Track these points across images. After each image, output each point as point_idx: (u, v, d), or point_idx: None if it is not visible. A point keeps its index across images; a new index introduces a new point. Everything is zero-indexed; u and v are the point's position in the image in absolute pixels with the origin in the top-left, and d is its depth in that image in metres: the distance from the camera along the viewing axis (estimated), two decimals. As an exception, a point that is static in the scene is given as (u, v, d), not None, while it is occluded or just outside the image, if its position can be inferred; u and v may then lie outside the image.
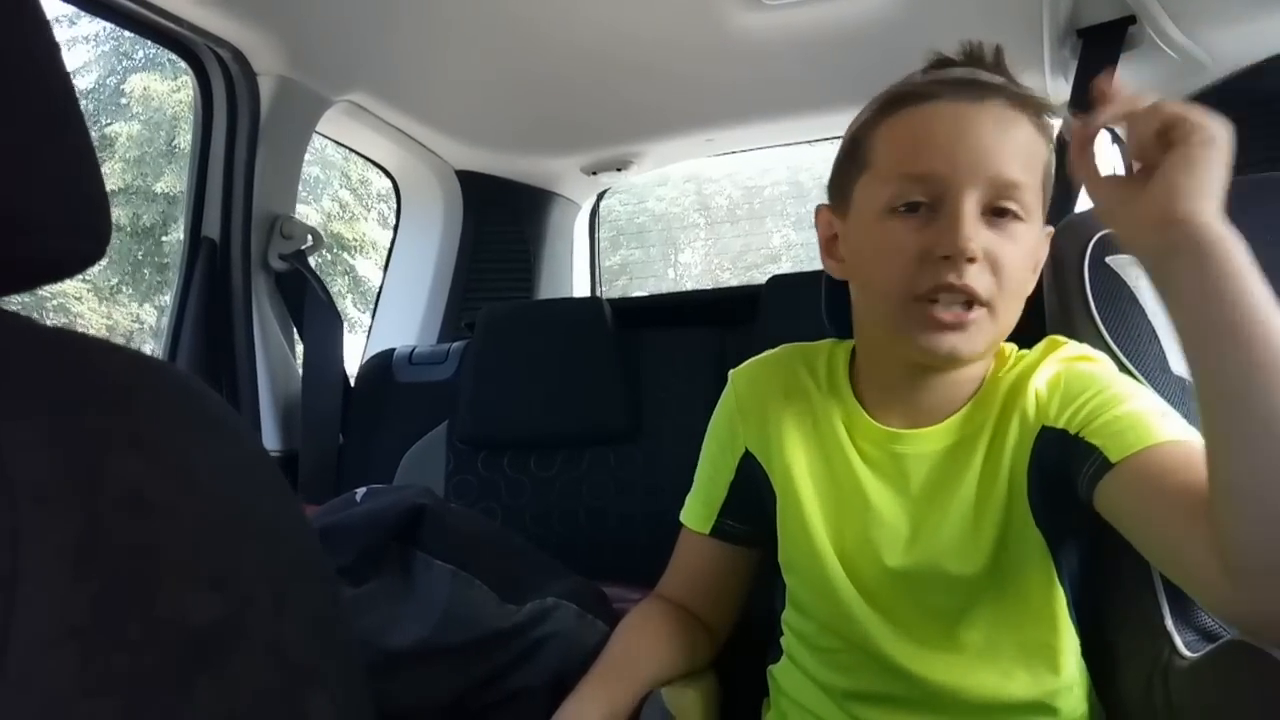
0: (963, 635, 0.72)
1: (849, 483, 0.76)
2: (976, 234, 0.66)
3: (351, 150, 1.78)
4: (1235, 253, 0.54)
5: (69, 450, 0.30)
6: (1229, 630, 0.70)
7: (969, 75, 0.70)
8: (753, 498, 0.82)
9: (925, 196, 0.67)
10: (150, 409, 0.35)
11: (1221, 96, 1.56)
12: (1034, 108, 0.69)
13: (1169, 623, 0.72)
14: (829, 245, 0.78)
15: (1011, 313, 0.70)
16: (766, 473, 0.81)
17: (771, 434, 0.80)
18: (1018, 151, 0.68)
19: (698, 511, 0.86)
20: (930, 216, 0.67)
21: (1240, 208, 0.92)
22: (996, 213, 0.67)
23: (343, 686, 0.33)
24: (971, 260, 0.65)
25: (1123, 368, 0.80)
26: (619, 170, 2.05)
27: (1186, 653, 0.69)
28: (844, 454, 0.76)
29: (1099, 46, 1.40)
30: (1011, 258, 0.67)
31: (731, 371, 0.88)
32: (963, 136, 0.67)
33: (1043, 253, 0.74)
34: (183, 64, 1.35)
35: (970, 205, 0.66)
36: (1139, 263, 0.61)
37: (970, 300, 0.66)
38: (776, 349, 0.87)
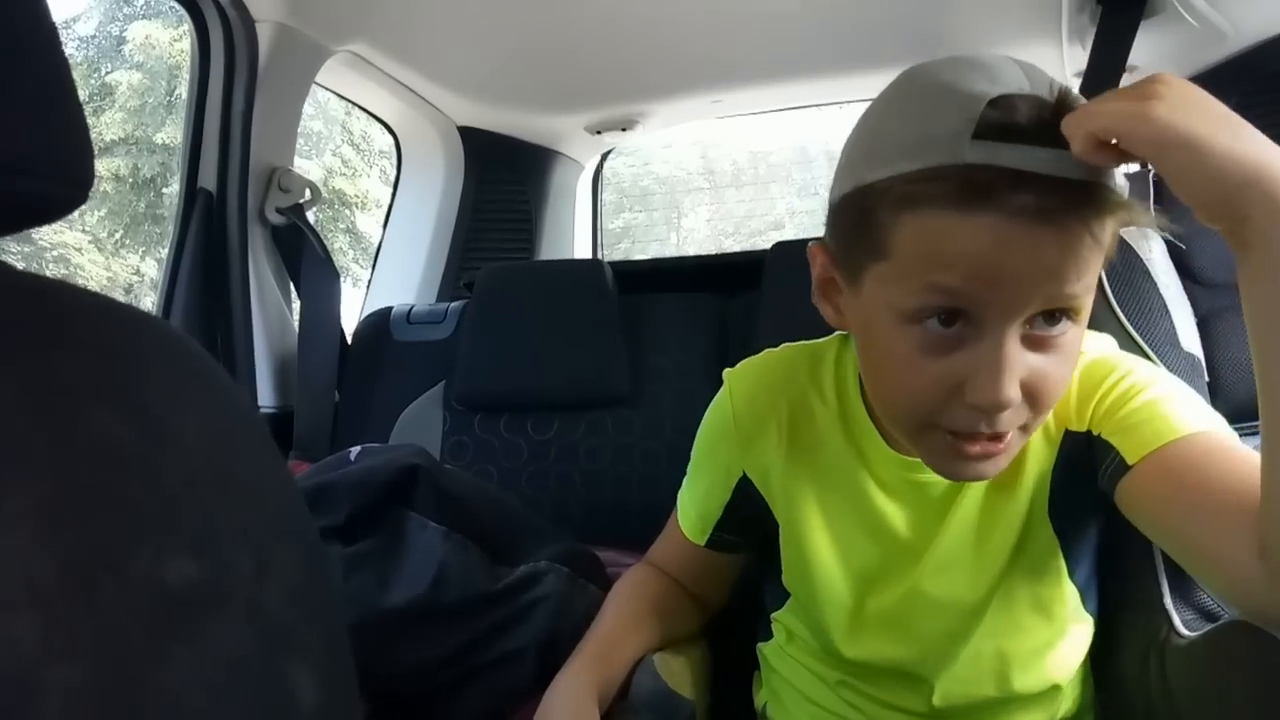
0: (967, 650, 0.70)
1: (867, 511, 0.71)
2: (1018, 371, 0.55)
3: (352, 103, 1.75)
4: None
5: (43, 402, 0.29)
6: (1229, 610, 0.70)
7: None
8: (750, 518, 0.78)
9: (957, 309, 0.55)
10: (132, 363, 0.33)
11: (1242, 69, 1.53)
12: (1117, 205, 0.52)
13: (1168, 601, 0.71)
14: (824, 287, 0.66)
15: (1045, 418, 0.61)
16: (767, 501, 0.76)
17: (773, 465, 0.74)
18: (1085, 264, 0.53)
19: (692, 520, 0.82)
20: (962, 335, 0.55)
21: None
22: (1047, 317, 0.55)
23: (325, 655, 0.32)
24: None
25: (1133, 343, 0.78)
26: (624, 130, 2.02)
27: (1185, 631, 0.68)
28: (860, 485, 0.71)
29: (1119, 13, 1.36)
30: (1056, 381, 0.57)
31: (727, 373, 0.79)
32: (1020, 268, 0.52)
33: None
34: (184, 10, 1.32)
35: (1014, 337, 0.54)
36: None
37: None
38: (778, 351, 0.78)
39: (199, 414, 0.33)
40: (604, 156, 2.36)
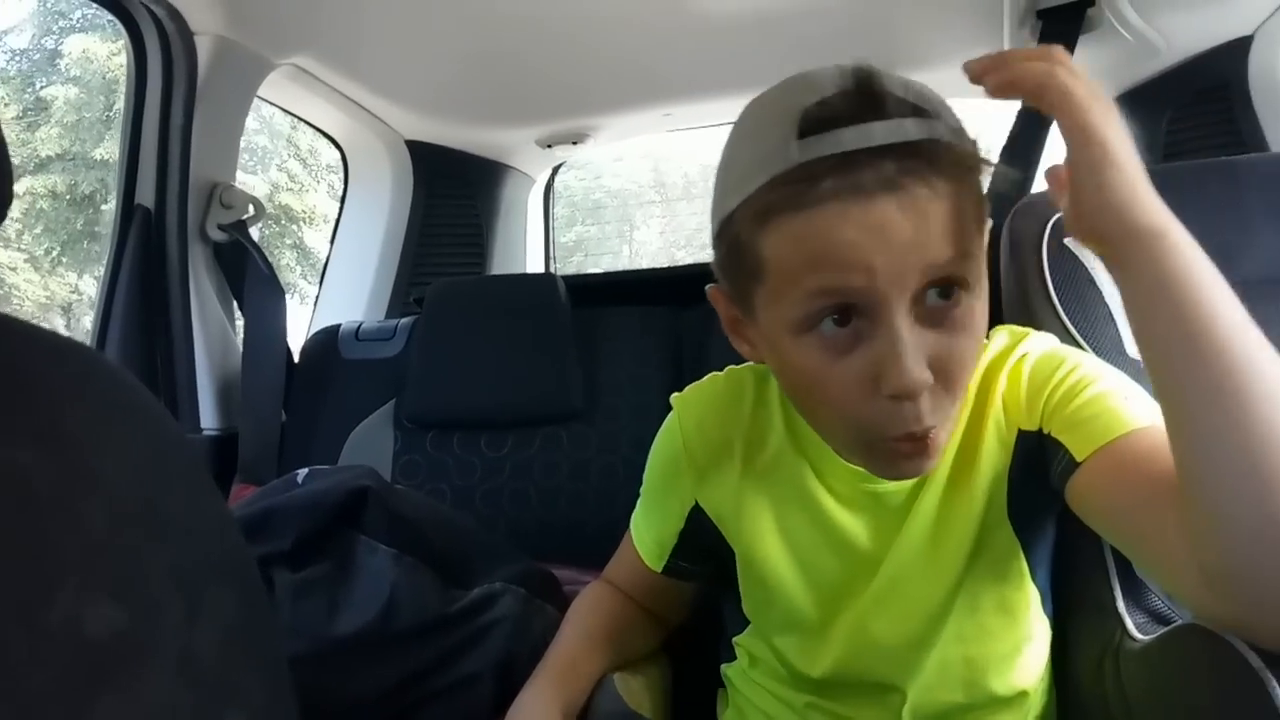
0: (934, 657, 0.70)
1: (828, 527, 0.70)
2: (922, 350, 0.55)
3: (297, 117, 1.71)
4: (1180, 249, 0.50)
5: (-49, 440, 0.27)
6: (1180, 613, 0.70)
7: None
8: (706, 546, 0.77)
9: (845, 305, 0.55)
10: (52, 395, 0.31)
11: (1176, 82, 1.57)
12: (956, 159, 0.54)
13: (1120, 605, 0.72)
14: (733, 326, 0.67)
15: (966, 392, 0.62)
16: (721, 532, 0.75)
17: (728, 494, 0.74)
18: (954, 223, 0.54)
19: (649, 546, 0.80)
20: (858, 330, 0.56)
21: (1192, 192, 0.93)
22: (939, 291, 0.55)
23: (265, 699, 0.30)
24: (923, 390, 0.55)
25: (1080, 349, 0.79)
26: (575, 144, 2.01)
27: (1138, 635, 0.69)
28: (818, 500, 0.70)
29: (1058, 28, 1.39)
30: (961, 357, 0.57)
31: (675, 399, 0.78)
32: (884, 244, 0.53)
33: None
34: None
35: (905, 317, 0.54)
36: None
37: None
38: (723, 375, 0.78)
39: (126, 447, 0.31)
40: (555, 170, 2.35)
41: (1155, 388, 0.52)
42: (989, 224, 0.61)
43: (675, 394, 0.79)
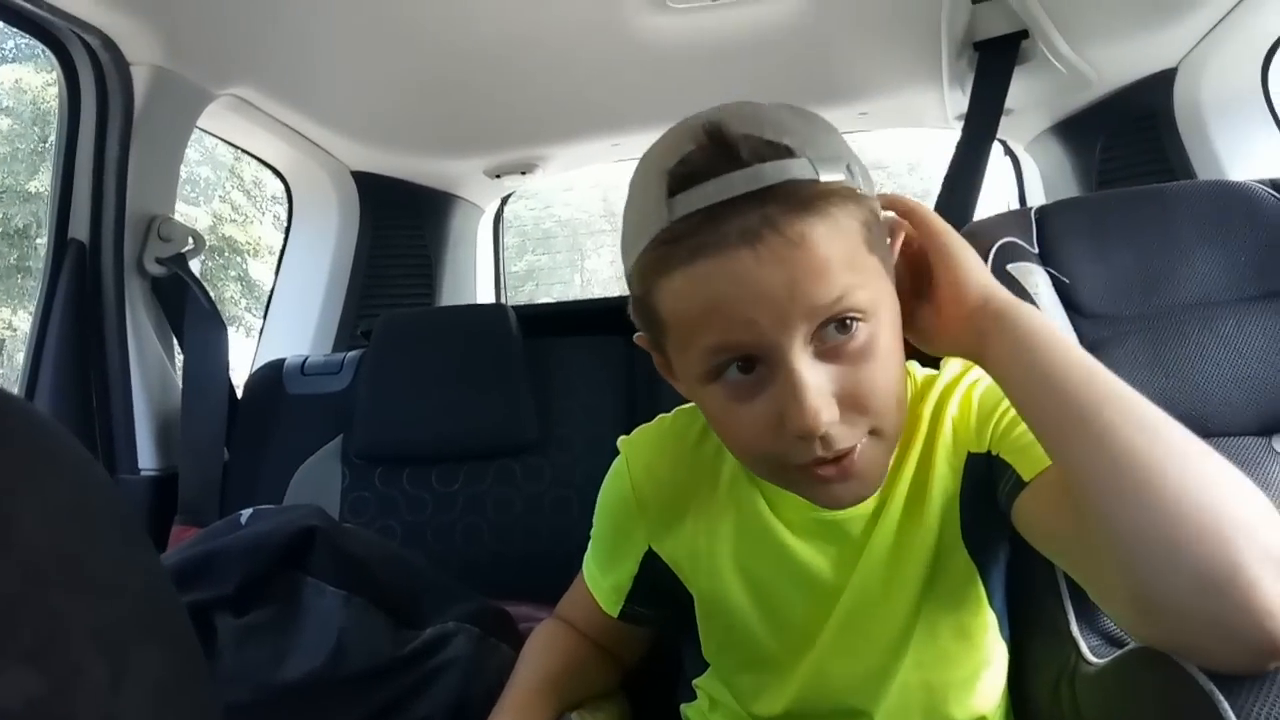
0: (895, 684, 0.69)
1: (789, 561, 0.70)
2: (825, 390, 0.55)
3: (239, 149, 1.68)
4: (1036, 315, 0.58)
5: None
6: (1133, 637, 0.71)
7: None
8: (664, 590, 0.76)
9: (744, 354, 0.56)
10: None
11: (1107, 111, 1.63)
12: (822, 199, 0.54)
13: (1074, 628, 0.72)
14: (662, 368, 0.66)
15: (898, 414, 0.60)
16: (676, 575, 0.75)
17: (682, 540, 0.74)
18: (830, 263, 0.53)
19: (604, 591, 0.79)
20: (761, 376, 0.56)
21: (1127, 218, 0.96)
22: (838, 326, 0.55)
23: (196, 765, 0.28)
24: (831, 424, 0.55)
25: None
26: (523, 174, 2.01)
27: (1092, 658, 0.69)
28: (775, 534, 0.70)
29: (994, 59, 1.44)
30: (873, 383, 0.56)
31: (623, 443, 0.78)
32: (756, 297, 0.53)
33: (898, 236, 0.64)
34: (59, 54, 1.25)
35: (802, 359, 0.54)
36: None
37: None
38: (670, 416, 0.78)
39: (43, 497, 0.29)
40: (504, 200, 2.34)
41: (1035, 434, 0.56)
42: (897, 241, 0.63)
43: (623, 437, 0.79)
